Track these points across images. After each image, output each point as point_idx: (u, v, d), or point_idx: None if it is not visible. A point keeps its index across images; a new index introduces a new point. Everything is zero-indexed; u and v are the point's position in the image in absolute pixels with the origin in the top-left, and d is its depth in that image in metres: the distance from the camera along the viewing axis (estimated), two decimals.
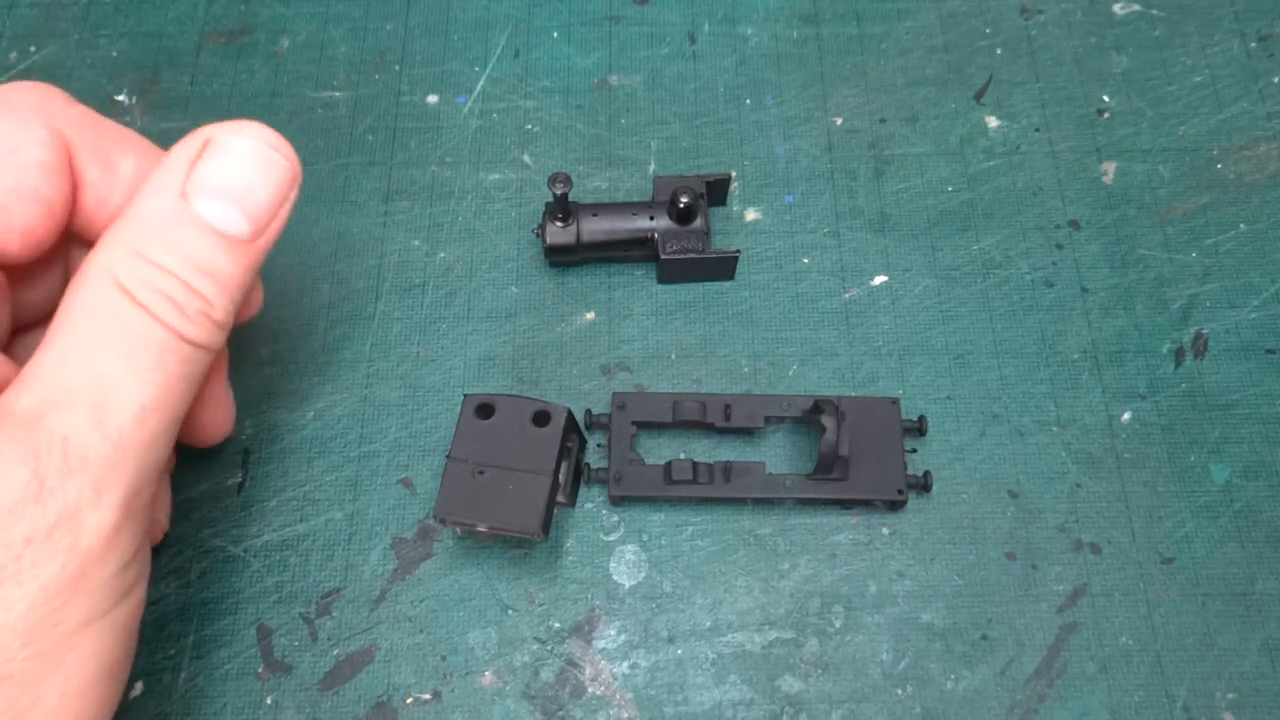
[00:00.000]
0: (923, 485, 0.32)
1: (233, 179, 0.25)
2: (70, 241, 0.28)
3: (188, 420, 0.30)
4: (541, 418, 0.31)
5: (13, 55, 0.41)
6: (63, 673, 0.22)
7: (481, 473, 0.30)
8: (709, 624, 0.32)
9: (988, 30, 0.42)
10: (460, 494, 0.29)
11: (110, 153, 0.26)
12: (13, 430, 0.22)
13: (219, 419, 0.31)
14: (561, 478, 0.31)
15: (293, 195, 0.26)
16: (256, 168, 0.25)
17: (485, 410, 0.31)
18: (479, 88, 0.41)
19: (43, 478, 0.21)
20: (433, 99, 0.40)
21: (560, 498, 0.31)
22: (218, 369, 0.30)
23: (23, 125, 0.24)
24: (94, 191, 0.26)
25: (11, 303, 0.27)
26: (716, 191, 0.37)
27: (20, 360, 0.27)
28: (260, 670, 0.31)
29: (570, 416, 0.31)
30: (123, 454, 0.23)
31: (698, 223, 0.35)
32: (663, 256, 0.35)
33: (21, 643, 0.21)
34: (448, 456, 0.30)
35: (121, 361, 0.23)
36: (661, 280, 0.37)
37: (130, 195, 0.25)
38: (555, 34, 0.42)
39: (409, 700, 0.30)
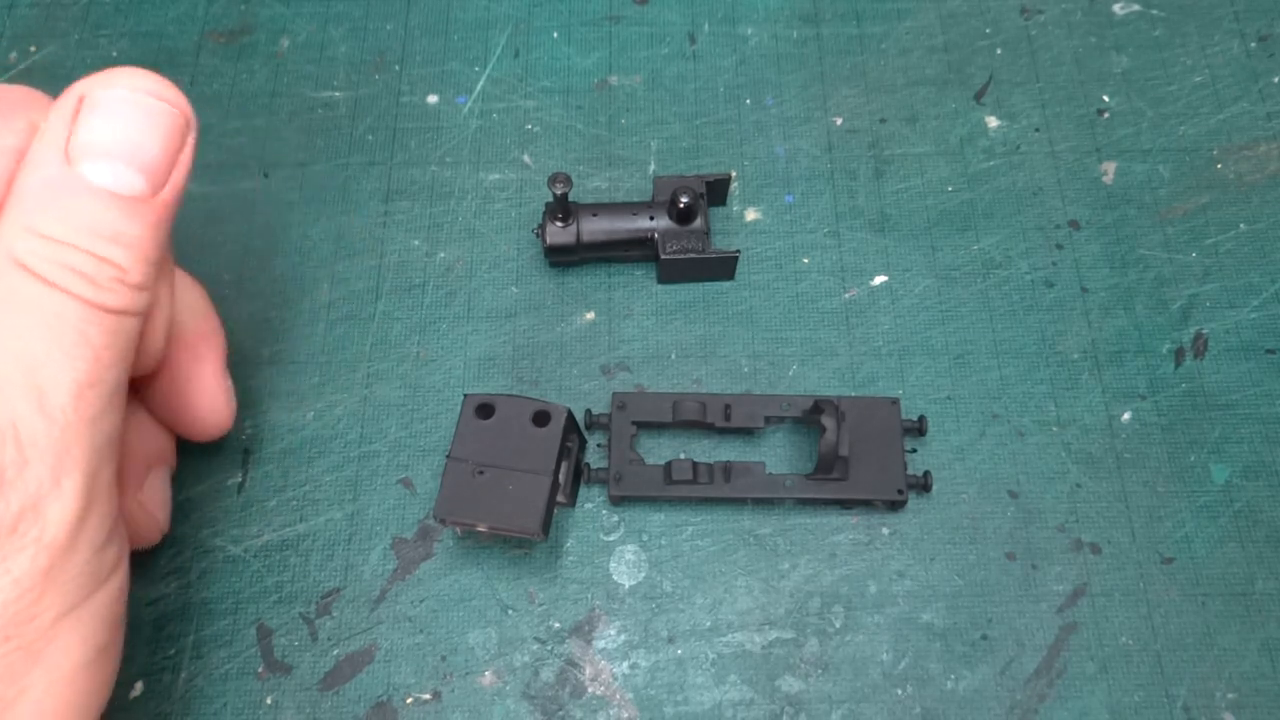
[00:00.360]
0: (923, 485, 0.32)
1: (116, 135, 0.23)
2: None
3: (184, 413, 0.30)
4: (541, 418, 0.31)
5: (13, 55, 0.41)
6: (46, 663, 0.22)
7: (481, 473, 0.30)
8: (709, 624, 0.32)
9: (988, 30, 0.42)
10: (460, 494, 0.29)
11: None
12: None
13: (217, 409, 0.30)
14: (561, 478, 0.31)
15: (189, 140, 0.24)
16: (140, 118, 0.23)
17: (485, 410, 0.31)
18: (479, 88, 0.41)
19: (0, 470, 0.21)
20: (433, 99, 0.40)
21: (560, 498, 0.31)
22: (210, 358, 0.29)
23: (9, 127, 0.24)
24: None
25: None
26: (716, 191, 0.37)
27: None
28: (260, 670, 0.31)
29: (570, 416, 0.31)
30: (72, 435, 0.22)
31: (698, 223, 0.35)
32: (663, 256, 0.35)
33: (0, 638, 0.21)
34: (448, 456, 0.30)
35: (45, 343, 0.22)
36: (661, 280, 0.37)
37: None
38: (555, 34, 0.42)
39: (409, 700, 0.30)
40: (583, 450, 0.33)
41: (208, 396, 0.29)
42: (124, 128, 0.23)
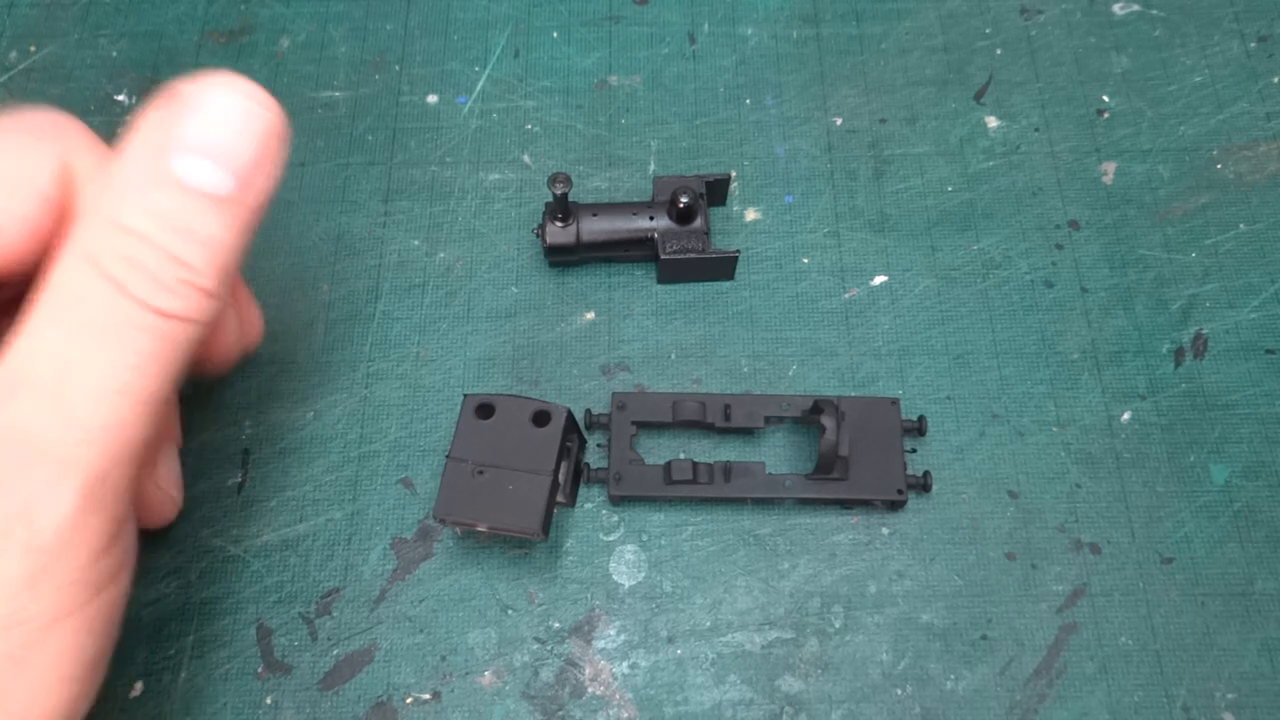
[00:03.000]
0: (922, 485, 0.32)
1: (211, 133, 0.23)
2: None
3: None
4: (541, 418, 0.31)
5: (13, 55, 0.41)
6: (30, 672, 0.21)
7: (481, 473, 0.30)
8: (709, 624, 0.32)
9: (988, 30, 0.42)
10: (460, 494, 0.29)
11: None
12: None
13: (160, 501, 0.29)
14: (561, 478, 0.31)
15: (278, 146, 0.24)
16: (235, 119, 0.23)
17: (485, 410, 0.31)
18: (479, 88, 0.41)
19: None
20: (433, 99, 0.40)
21: (560, 498, 0.31)
22: (164, 442, 0.28)
23: (37, 153, 0.23)
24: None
25: None
26: (716, 191, 0.37)
27: None
28: (260, 670, 0.31)
29: (570, 416, 0.31)
30: (84, 441, 0.21)
31: (698, 223, 0.35)
32: (663, 256, 0.35)
33: None
34: (448, 456, 0.30)
35: (87, 342, 0.21)
36: (661, 280, 0.37)
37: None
38: (555, 34, 0.42)
39: (409, 700, 0.30)
40: (582, 450, 0.33)
41: (148, 484, 0.28)
42: (221, 128, 0.23)
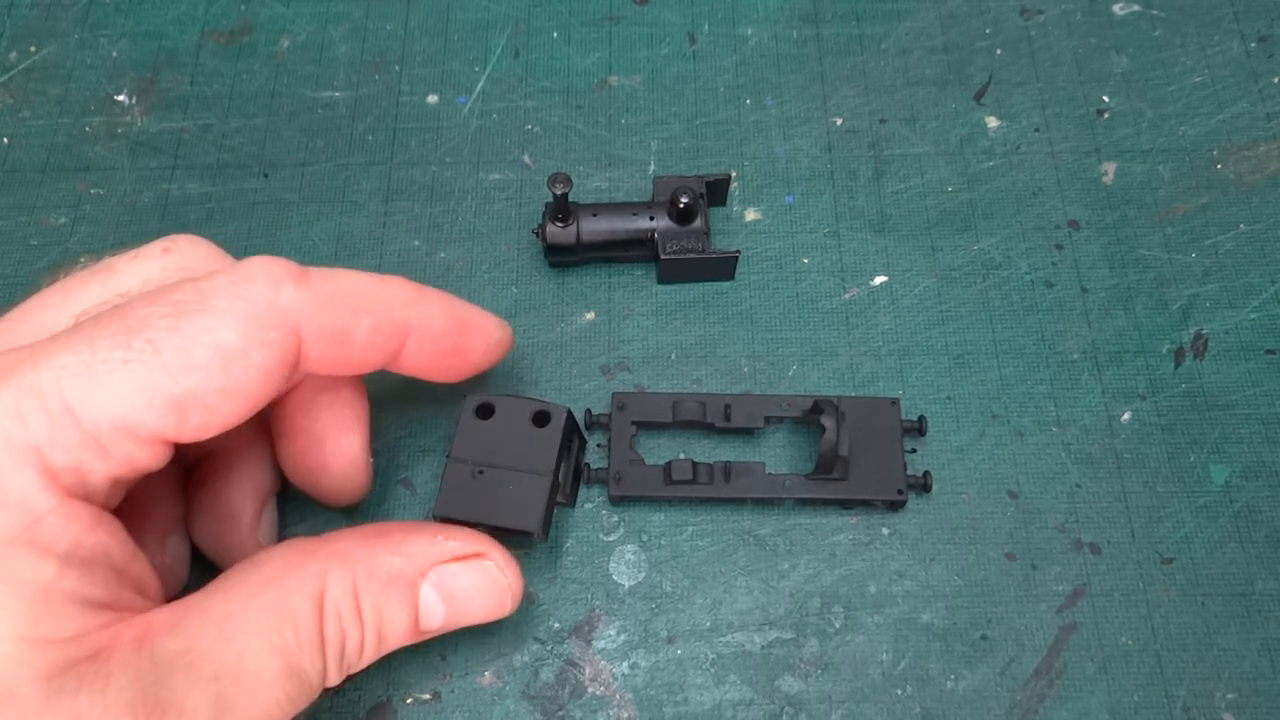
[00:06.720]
0: (922, 485, 0.32)
1: (463, 590, 0.26)
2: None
3: (323, 480, 0.30)
4: (541, 418, 0.31)
5: (13, 55, 0.41)
6: None
7: (481, 473, 0.30)
8: (709, 624, 0.32)
9: (988, 30, 0.42)
10: (460, 494, 0.29)
11: (346, 326, 0.25)
12: (140, 673, 0.21)
13: (357, 479, 0.30)
14: (561, 478, 0.31)
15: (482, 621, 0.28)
16: (487, 594, 0.27)
17: (485, 410, 0.31)
18: (479, 88, 0.41)
19: None
20: (433, 99, 0.40)
21: (560, 498, 0.31)
22: (356, 429, 0.30)
23: (257, 326, 0.23)
24: (319, 364, 0.26)
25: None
26: (716, 191, 0.37)
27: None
28: None
29: (570, 416, 0.31)
30: None
31: (698, 223, 0.35)
32: (663, 256, 0.35)
33: None
34: (447, 456, 0.30)
35: (274, 677, 0.23)
36: (661, 280, 0.37)
37: (363, 357, 0.26)
38: (555, 34, 0.42)
39: (409, 700, 0.30)
40: (582, 450, 0.33)
41: (350, 466, 0.30)
42: (472, 590, 0.27)
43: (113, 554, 0.23)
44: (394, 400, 0.35)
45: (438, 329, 0.28)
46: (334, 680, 0.25)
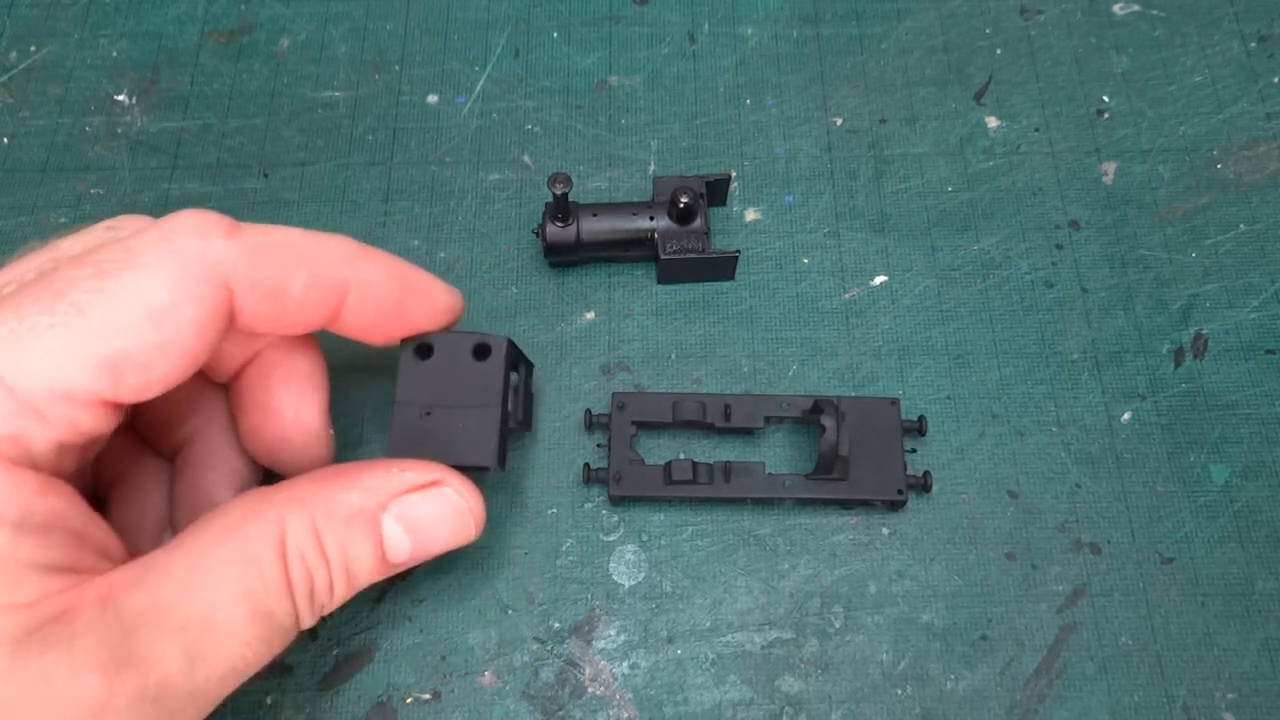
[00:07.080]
0: (922, 485, 0.32)
1: (426, 519, 0.26)
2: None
3: (283, 450, 0.29)
4: (482, 350, 0.29)
5: (13, 55, 0.41)
6: None
7: (429, 414, 0.29)
8: (709, 624, 0.32)
9: (988, 30, 0.42)
10: (411, 437, 0.28)
11: (279, 280, 0.25)
12: (106, 630, 0.21)
13: (317, 448, 0.30)
14: (511, 406, 0.30)
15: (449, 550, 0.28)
16: (450, 520, 0.27)
17: (425, 351, 0.29)
18: (479, 88, 0.41)
19: (113, 694, 0.21)
20: (433, 99, 0.40)
21: (513, 424, 0.30)
22: (315, 397, 0.29)
23: (184, 279, 0.23)
24: (254, 320, 0.25)
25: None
26: (716, 191, 0.37)
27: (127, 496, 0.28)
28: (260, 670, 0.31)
29: (511, 344, 0.30)
30: (200, 705, 0.23)
31: (698, 223, 0.35)
32: (663, 256, 0.35)
33: None
34: (393, 402, 0.29)
35: (243, 623, 0.23)
36: (661, 280, 0.37)
37: (299, 313, 0.26)
38: (555, 34, 0.42)
39: (409, 700, 0.30)
40: (530, 374, 0.32)
41: (309, 438, 0.29)
42: (435, 518, 0.27)
43: (68, 518, 0.23)
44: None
45: (379, 288, 0.27)
46: (308, 621, 0.25)
